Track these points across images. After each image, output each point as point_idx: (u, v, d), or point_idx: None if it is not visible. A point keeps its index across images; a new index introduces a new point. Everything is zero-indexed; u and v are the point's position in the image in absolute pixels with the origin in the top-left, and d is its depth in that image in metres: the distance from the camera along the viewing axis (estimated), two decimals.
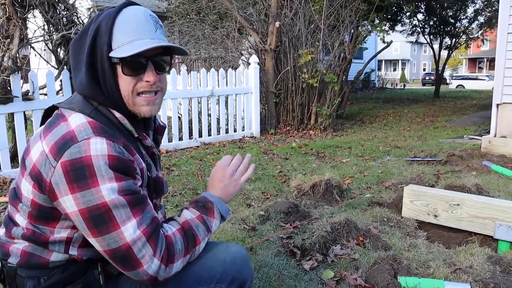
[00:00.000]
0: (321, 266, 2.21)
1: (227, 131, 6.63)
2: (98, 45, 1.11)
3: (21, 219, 1.14)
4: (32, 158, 1.07)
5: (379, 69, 37.00)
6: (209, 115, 6.32)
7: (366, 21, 9.50)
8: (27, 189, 1.09)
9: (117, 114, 1.15)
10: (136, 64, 1.12)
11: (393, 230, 2.74)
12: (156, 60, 1.15)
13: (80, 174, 1.01)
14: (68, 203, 1.03)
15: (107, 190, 1.02)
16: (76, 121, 1.08)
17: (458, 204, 2.76)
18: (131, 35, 1.11)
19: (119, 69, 1.12)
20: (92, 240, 1.06)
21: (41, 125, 1.19)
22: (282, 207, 2.97)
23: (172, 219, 1.21)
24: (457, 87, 30.87)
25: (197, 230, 1.18)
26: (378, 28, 9.09)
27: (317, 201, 3.33)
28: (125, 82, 1.13)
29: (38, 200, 1.09)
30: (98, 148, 1.03)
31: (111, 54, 1.10)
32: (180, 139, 5.94)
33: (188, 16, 9.90)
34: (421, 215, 2.93)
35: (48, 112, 1.20)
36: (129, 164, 1.07)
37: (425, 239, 2.68)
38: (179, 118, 6.07)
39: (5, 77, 3.84)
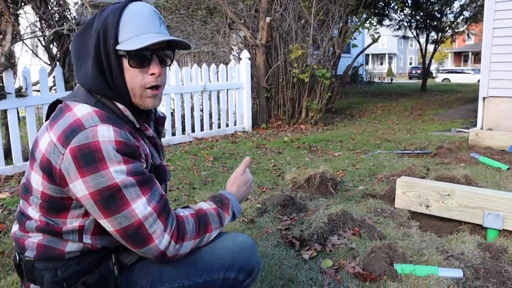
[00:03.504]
0: (320, 255, 2.29)
1: (219, 126, 6.67)
2: (105, 39, 1.14)
3: (34, 212, 1.17)
4: (41, 149, 1.10)
5: (367, 63, 37.24)
6: (201, 110, 6.35)
7: (355, 16, 9.58)
8: (37, 181, 1.12)
9: (120, 106, 1.18)
10: (142, 57, 1.15)
11: (387, 221, 2.82)
12: (160, 54, 1.20)
13: (89, 159, 1.04)
14: (79, 187, 1.06)
15: (116, 171, 1.06)
16: (82, 110, 1.11)
17: (449, 195, 2.86)
18: (138, 30, 1.14)
19: (125, 62, 1.15)
20: (103, 222, 1.09)
21: (46, 120, 1.21)
22: (278, 200, 3.04)
23: (188, 207, 1.27)
24: (443, 80, 31.27)
25: (211, 219, 1.24)
26: (368, 25, 9.17)
27: (312, 193, 3.41)
28: (132, 75, 1.16)
29: (48, 191, 1.12)
30: (105, 134, 1.06)
31: (118, 47, 1.13)
32: (173, 134, 5.97)
33: (177, 11, 9.87)
34: (413, 205, 3.02)
35: (52, 107, 1.23)
36: (135, 149, 1.11)
37: (417, 228, 2.77)
38: (172, 113, 6.09)
39: None
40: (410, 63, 55.11)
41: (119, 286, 1.18)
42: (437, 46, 18.84)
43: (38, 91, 4.43)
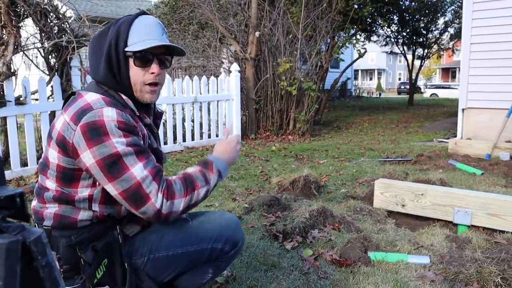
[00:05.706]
0: (301, 246, 2.50)
1: (209, 136, 6.88)
2: (117, 42, 1.38)
3: (51, 184, 1.38)
4: (57, 128, 1.34)
5: (356, 78, 37.84)
6: (192, 121, 6.57)
7: (342, 32, 9.93)
8: (53, 155, 1.35)
9: (124, 97, 1.42)
10: (145, 58, 1.40)
11: (365, 218, 3.05)
12: (160, 58, 1.44)
13: (95, 133, 1.27)
14: (87, 157, 1.28)
15: (118, 142, 1.27)
16: (92, 97, 1.36)
17: (422, 194, 3.09)
18: (144, 36, 1.40)
19: (131, 61, 1.40)
20: (108, 186, 1.29)
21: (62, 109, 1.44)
22: (264, 200, 3.25)
23: (175, 174, 1.47)
24: (431, 95, 31.85)
25: (196, 178, 1.39)
26: (354, 41, 9.53)
27: (296, 195, 3.62)
28: (135, 73, 1.41)
29: (63, 163, 1.34)
30: (109, 115, 1.29)
31: (127, 49, 1.38)
32: (165, 143, 6.16)
33: (170, 26, 10.16)
34: (391, 205, 3.24)
35: (67, 99, 1.46)
36: (133, 127, 1.34)
37: (393, 225, 2.99)
38: (164, 123, 6.29)
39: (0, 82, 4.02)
40: (399, 79, 56.03)
41: (122, 251, 1.38)
42: (423, 61, 19.35)
43: (37, 99, 4.61)
